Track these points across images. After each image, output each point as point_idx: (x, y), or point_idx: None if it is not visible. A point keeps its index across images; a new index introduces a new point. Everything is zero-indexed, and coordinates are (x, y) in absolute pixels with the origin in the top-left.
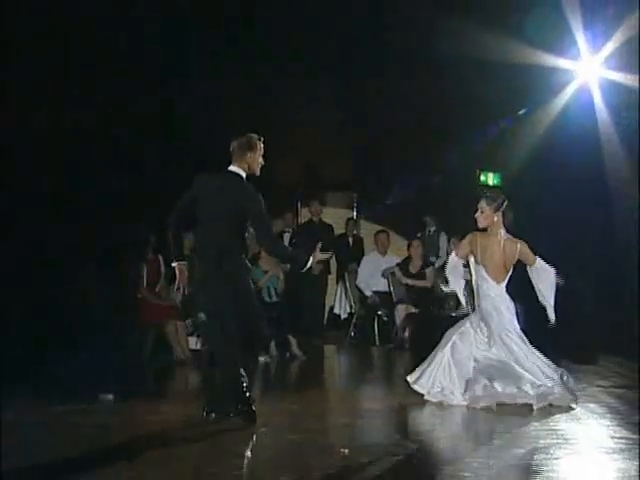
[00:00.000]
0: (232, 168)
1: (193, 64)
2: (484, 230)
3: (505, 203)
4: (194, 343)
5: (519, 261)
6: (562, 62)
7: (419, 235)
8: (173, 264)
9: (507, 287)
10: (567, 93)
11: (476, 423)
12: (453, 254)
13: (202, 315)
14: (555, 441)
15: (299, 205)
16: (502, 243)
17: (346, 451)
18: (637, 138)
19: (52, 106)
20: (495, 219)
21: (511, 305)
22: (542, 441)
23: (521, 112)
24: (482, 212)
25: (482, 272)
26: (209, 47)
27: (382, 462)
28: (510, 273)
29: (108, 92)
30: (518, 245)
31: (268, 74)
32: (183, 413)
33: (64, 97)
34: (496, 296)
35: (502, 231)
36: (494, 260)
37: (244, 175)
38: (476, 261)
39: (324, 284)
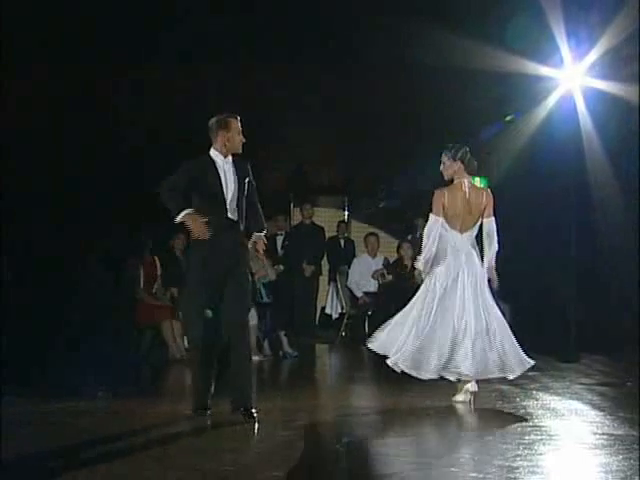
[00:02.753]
0: (211, 152)
1: (193, 63)
2: (451, 183)
3: (467, 152)
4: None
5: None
6: (545, 70)
7: (409, 237)
8: (181, 214)
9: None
10: (550, 101)
11: (462, 419)
12: (431, 214)
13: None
14: (539, 437)
15: (291, 207)
16: (467, 191)
17: (341, 448)
18: (620, 146)
19: (52, 106)
20: (456, 168)
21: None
22: (527, 437)
23: (509, 118)
24: (444, 164)
25: (445, 224)
26: (209, 47)
27: (373, 457)
28: (478, 224)
29: (107, 92)
30: (484, 193)
31: (263, 75)
32: (178, 410)
33: (64, 97)
34: (459, 244)
35: (466, 180)
36: (457, 208)
37: (223, 155)
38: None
39: (316, 285)
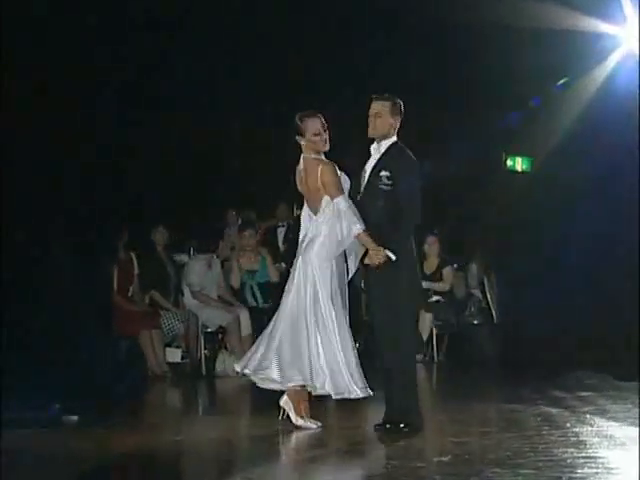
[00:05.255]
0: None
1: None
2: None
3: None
4: (172, 355)
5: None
6: (606, 27)
7: (435, 231)
8: None
9: None
10: (611, 62)
11: (501, 447)
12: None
13: None
14: (594, 470)
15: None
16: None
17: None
18: None
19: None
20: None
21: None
22: (579, 470)
23: (561, 82)
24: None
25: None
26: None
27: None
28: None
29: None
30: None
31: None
32: (155, 438)
33: (62, 97)
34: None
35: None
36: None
37: None
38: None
39: None
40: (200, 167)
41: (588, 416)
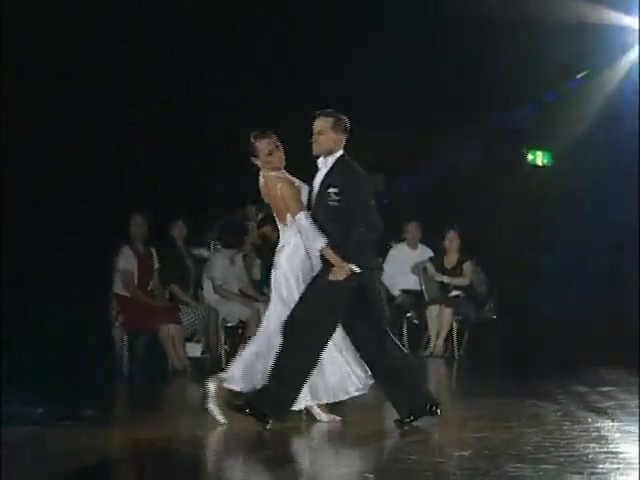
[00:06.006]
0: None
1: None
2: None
3: None
4: (193, 350)
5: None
6: (626, 20)
7: (456, 226)
8: None
9: None
10: (632, 55)
11: (520, 441)
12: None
13: None
14: (616, 466)
15: None
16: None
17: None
18: None
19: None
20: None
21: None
22: (601, 466)
23: (580, 75)
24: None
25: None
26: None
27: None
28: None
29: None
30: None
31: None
32: (176, 432)
33: (62, 97)
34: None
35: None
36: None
37: None
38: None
39: None
40: (200, 166)
41: (609, 411)
